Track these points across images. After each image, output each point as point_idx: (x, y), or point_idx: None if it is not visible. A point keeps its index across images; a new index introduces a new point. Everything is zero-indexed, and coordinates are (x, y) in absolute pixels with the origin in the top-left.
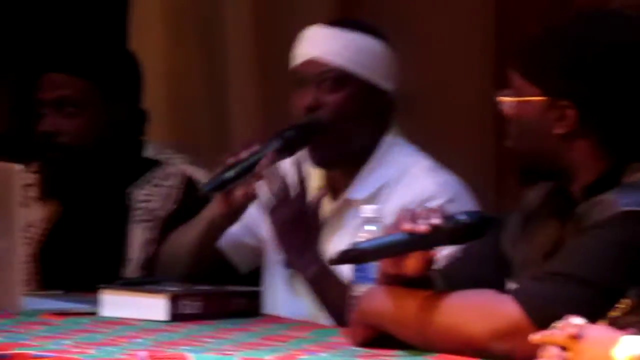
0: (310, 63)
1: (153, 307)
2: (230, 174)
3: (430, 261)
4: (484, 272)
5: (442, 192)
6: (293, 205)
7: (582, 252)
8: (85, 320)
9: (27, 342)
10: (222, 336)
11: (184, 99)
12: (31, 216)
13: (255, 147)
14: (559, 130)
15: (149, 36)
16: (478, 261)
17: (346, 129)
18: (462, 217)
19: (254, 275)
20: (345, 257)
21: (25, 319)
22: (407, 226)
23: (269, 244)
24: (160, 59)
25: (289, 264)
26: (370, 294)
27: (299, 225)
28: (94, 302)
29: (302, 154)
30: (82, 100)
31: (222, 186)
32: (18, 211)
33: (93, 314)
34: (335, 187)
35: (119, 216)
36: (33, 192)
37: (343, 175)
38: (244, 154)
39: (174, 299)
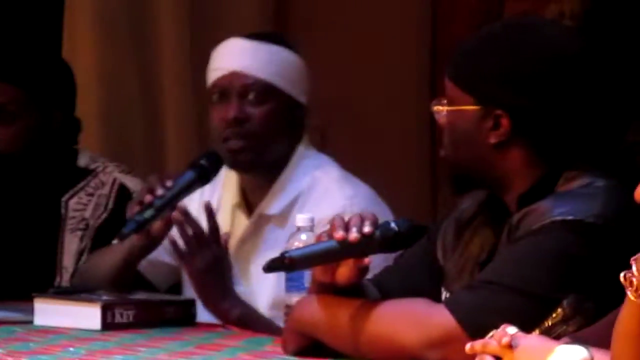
0: (233, 76)
1: (86, 315)
2: (149, 213)
3: (362, 269)
4: (417, 280)
5: (351, 206)
6: (207, 255)
7: (515, 261)
8: (18, 328)
9: None
10: (156, 345)
11: (117, 106)
12: None
13: (170, 182)
14: (492, 139)
15: (81, 42)
16: (411, 270)
17: (268, 140)
18: (393, 226)
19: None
20: (276, 265)
21: None
22: (339, 234)
23: None
24: (92, 66)
25: (210, 311)
26: (302, 302)
27: (215, 272)
28: (27, 310)
29: (210, 187)
30: (15, 108)
31: (142, 227)
32: None
33: (26, 322)
34: (249, 201)
35: (52, 224)
36: None
37: (257, 188)
38: (159, 191)
39: (107, 308)
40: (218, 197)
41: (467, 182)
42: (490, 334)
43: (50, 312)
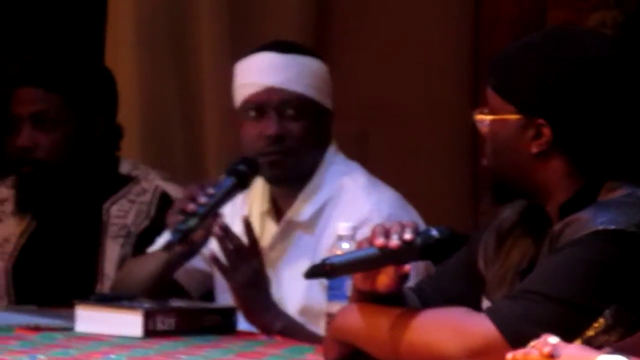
0: (270, 92)
1: (127, 323)
2: (193, 222)
3: (402, 277)
4: (457, 289)
5: (377, 211)
6: (248, 268)
7: (557, 271)
8: (59, 335)
9: (1, 357)
10: (196, 353)
11: (157, 113)
12: (6, 231)
13: (210, 189)
14: (534, 148)
15: (122, 50)
16: (452, 278)
17: (306, 153)
18: (434, 233)
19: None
20: (317, 271)
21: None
22: (379, 241)
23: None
24: (133, 73)
25: (252, 324)
26: (344, 311)
27: (256, 285)
28: (68, 317)
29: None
30: (58, 116)
31: (187, 236)
32: None
33: (67, 329)
34: (279, 208)
35: (94, 232)
36: (8, 207)
37: (286, 195)
38: (202, 199)
39: (149, 315)
40: (248, 204)
41: (508, 191)
42: (532, 343)
43: (91, 319)
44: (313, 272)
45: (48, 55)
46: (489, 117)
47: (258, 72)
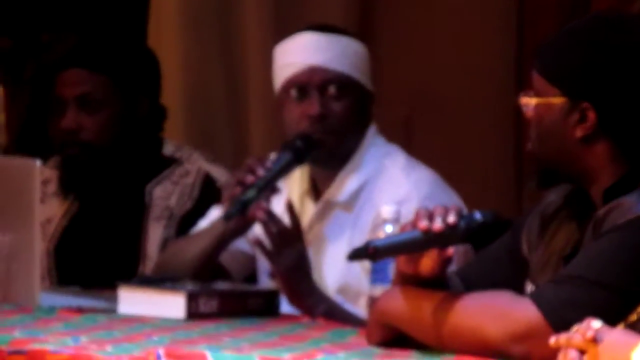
0: (312, 71)
1: (170, 305)
2: (252, 194)
3: (446, 261)
4: (501, 273)
5: (415, 191)
6: (291, 252)
7: (601, 256)
8: (102, 317)
9: (44, 338)
10: (239, 335)
11: (201, 95)
12: (48, 212)
13: (269, 162)
14: (578, 132)
15: (166, 31)
16: (496, 262)
17: (348, 133)
18: (477, 217)
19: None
20: (360, 253)
21: (42, 315)
22: (423, 224)
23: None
24: (177, 54)
25: (296, 306)
26: (387, 294)
27: (300, 269)
28: (111, 299)
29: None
30: (103, 97)
31: (246, 207)
32: (38, 207)
33: (110, 311)
34: (318, 188)
35: (137, 213)
36: (51, 188)
37: (326, 175)
38: (260, 171)
39: (192, 297)
40: (288, 186)
41: (552, 175)
42: (575, 327)
43: (134, 301)
44: (356, 254)
45: (92, 36)
46: (534, 101)
47: (300, 52)
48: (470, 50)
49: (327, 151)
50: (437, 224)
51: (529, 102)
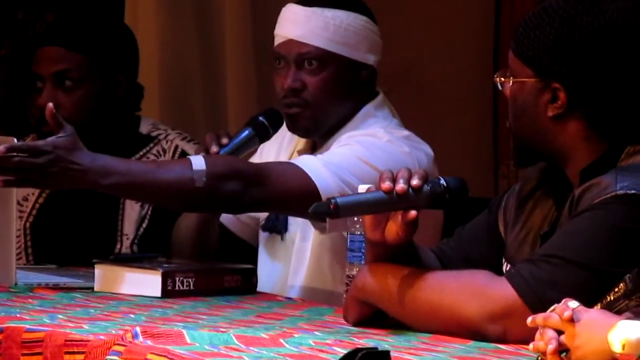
0: (289, 44)
1: (147, 283)
2: None
3: (409, 224)
4: (479, 252)
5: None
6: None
7: (577, 235)
8: (78, 295)
9: (20, 316)
10: (216, 313)
11: (177, 73)
12: (24, 190)
13: (226, 139)
14: (550, 112)
15: (143, 9)
16: (473, 241)
17: (327, 106)
18: (442, 182)
19: None
20: (321, 209)
21: (19, 292)
22: (386, 185)
23: None
24: (154, 33)
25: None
26: (365, 270)
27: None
28: (88, 277)
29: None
30: (80, 75)
31: None
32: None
33: (87, 288)
34: (313, 151)
35: None
36: None
37: (319, 141)
38: (214, 148)
39: (168, 275)
40: (294, 143)
41: (528, 154)
42: (552, 307)
43: (110, 279)
44: (318, 210)
45: (69, 14)
46: (508, 80)
47: (282, 25)
48: (448, 29)
49: (303, 124)
50: (400, 185)
51: (502, 81)
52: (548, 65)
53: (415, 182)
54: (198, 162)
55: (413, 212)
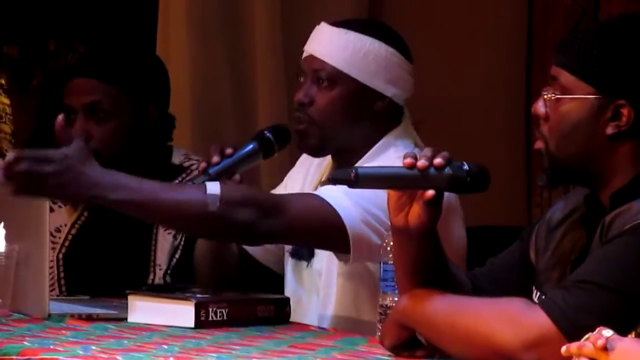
0: (309, 59)
1: (180, 313)
2: (200, 180)
3: (431, 204)
4: (511, 279)
5: None
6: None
7: (609, 260)
8: (111, 325)
9: (53, 348)
10: (249, 343)
11: (209, 103)
12: (57, 221)
13: (230, 150)
14: (609, 129)
15: (174, 39)
16: (505, 268)
17: (333, 126)
18: (465, 166)
19: None
20: (342, 177)
21: (52, 323)
22: (407, 160)
23: None
24: (185, 63)
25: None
26: (409, 295)
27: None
28: (121, 307)
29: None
30: (111, 106)
31: None
32: (47, 216)
33: (120, 319)
34: None
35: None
36: None
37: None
38: (215, 158)
39: (201, 306)
40: (321, 170)
41: (565, 174)
42: (586, 336)
43: (143, 309)
44: (337, 178)
45: (101, 45)
46: (564, 97)
47: (310, 41)
48: (480, 55)
49: (310, 142)
50: (422, 161)
51: (559, 97)
52: (614, 82)
53: (437, 160)
54: (213, 187)
55: (431, 192)
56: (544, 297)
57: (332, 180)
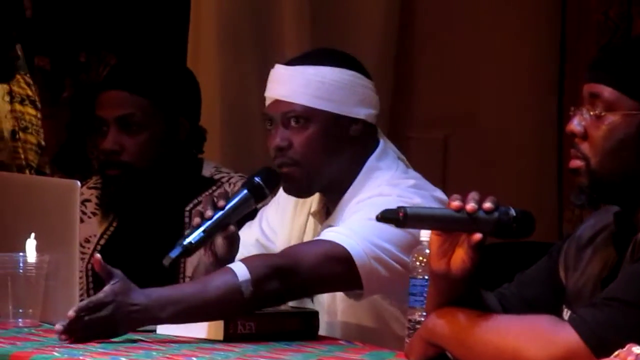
0: (275, 104)
1: (209, 326)
2: (195, 237)
3: (475, 252)
4: (539, 297)
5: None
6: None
7: (638, 278)
8: (141, 337)
9: (83, 358)
10: (277, 356)
11: (240, 116)
12: (87, 231)
13: (222, 202)
14: None
15: (205, 52)
16: (534, 286)
17: (317, 163)
18: (512, 212)
19: None
20: (390, 215)
21: None
22: (455, 203)
23: None
24: (216, 76)
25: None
26: (438, 312)
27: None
28: None
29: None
30: (143, 119)
31: (189, 251)
32: (77, 226)
33: (149, 331)
34: (328, 211)
35: (176, 234)
36: (90, 208)
37: (330, 201)
38: (209, 212)
39: (230, 319)
40: (309, 202)
41: (606, 193)
42: (616, 353)
43: None
44: (385, 216)
45: (132, 57)
46: (608, 113)
47: (269, 86)
48: (509, 71)
49: (295, 184)
50: (471, 204)
51: (605, 115)
52: None
53: (487, 205)
54: (241, 271)
55: (478, 235)
56: (574, 315)
57: (381, 219)
